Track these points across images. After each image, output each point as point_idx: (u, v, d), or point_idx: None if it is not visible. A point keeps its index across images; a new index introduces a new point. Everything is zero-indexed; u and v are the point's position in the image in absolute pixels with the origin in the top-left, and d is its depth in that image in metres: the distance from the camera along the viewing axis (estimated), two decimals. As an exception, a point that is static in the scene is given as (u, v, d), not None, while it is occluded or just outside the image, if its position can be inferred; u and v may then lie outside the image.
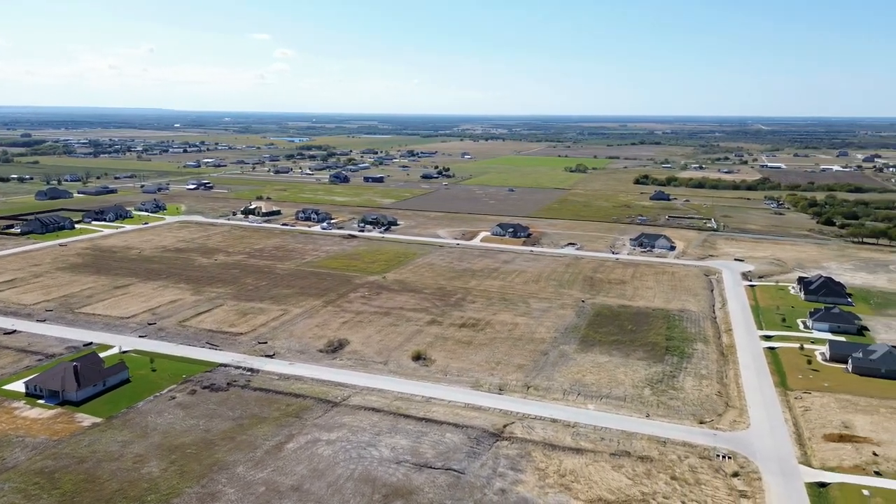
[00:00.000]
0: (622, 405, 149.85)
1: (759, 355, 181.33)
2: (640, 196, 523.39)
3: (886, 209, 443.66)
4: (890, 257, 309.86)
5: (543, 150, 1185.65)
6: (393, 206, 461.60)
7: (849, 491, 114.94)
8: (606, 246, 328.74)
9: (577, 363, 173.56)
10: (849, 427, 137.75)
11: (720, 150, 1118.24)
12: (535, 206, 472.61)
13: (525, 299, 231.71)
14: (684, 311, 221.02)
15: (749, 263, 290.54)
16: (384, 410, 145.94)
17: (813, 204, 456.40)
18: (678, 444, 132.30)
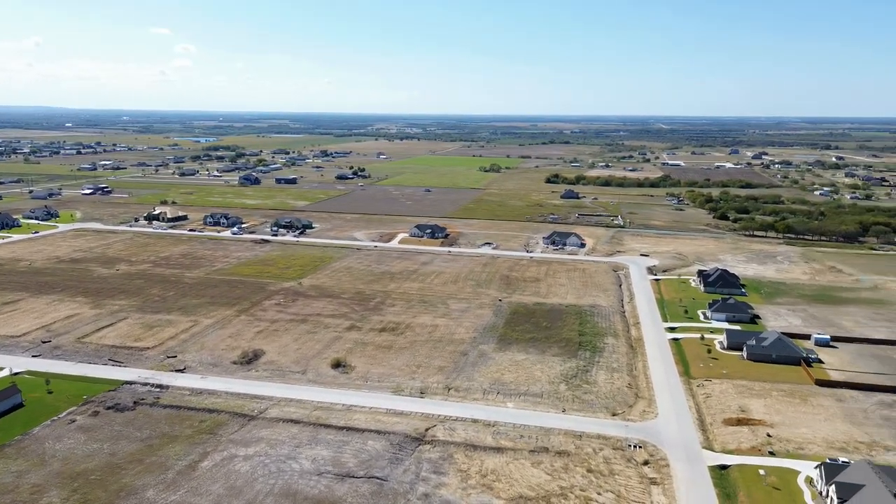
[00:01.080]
0: (539, 402, 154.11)
1: (664, 347, 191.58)
2: (552, 195, 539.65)
3: (773, 203, 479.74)
4: (777, 249, 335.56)
5: (458, 149, 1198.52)
6: (307, 209, 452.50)
7: (747, 471, 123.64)
8: (521, 245, 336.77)
9: (495, 362, 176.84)
10: (745, 411, 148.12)
11: (625, 149, 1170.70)
12: (451, 206, 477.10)
13: (444, 300, 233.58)
14: (595, 306, 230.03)
15: (654, 258, 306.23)
16: (303, 421, 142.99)
17: (709, 200, 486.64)
18: (593, 437, 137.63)
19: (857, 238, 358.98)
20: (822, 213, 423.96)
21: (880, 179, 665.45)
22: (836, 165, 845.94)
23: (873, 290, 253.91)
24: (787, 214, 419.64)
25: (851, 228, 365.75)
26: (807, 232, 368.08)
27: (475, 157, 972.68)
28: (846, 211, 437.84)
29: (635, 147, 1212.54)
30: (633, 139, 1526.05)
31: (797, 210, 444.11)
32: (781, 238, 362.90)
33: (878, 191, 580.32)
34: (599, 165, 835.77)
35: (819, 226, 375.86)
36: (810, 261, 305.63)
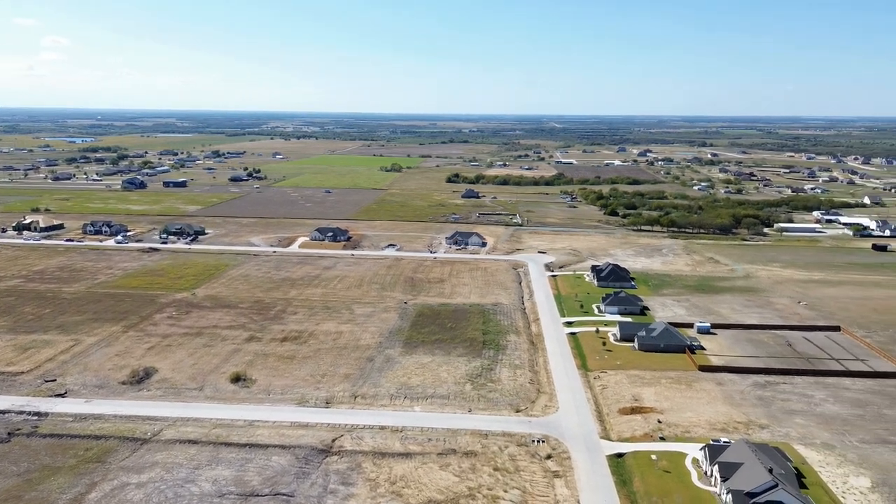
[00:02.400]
0: (446, 403, 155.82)
1: (563, 341, 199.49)
2: (453, 194, 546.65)
3: (658, 199, 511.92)
4: (662, 242, 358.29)
5: (358, 148, 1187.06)
6: (200, 214, 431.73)
7: (641, 458, 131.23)
8: (425, 245, 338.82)
9: (402, 366, 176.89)
10: (638, 400, 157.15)
11: (521, 148, 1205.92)
12: (353, 207, 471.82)
13: (349, 305, 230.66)
14: (498, 304, 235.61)
15: (550, 255, 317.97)
16: (202, 441, 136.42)
17: (600, 197, 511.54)
18: (498, 435, 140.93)
19: (731, 230, 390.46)
20: (701, 208, 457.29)
21: (749, 174, 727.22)
22: (712, 162, 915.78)
23: (746, 279, 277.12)
24: (671, 209, 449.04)
25: (726, 221, 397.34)
26: (688, 225, 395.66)
27: (376, 157, 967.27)
28: (721, 205, 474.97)
29: (530, 146, 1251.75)
30: (529, 138, 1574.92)
31: (679, 205, 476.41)
32: (666, 232, 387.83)
33: (747, 185, 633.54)
34: (497, 164, 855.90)
35: (698, 219, 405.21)
36: (691, 253, 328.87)
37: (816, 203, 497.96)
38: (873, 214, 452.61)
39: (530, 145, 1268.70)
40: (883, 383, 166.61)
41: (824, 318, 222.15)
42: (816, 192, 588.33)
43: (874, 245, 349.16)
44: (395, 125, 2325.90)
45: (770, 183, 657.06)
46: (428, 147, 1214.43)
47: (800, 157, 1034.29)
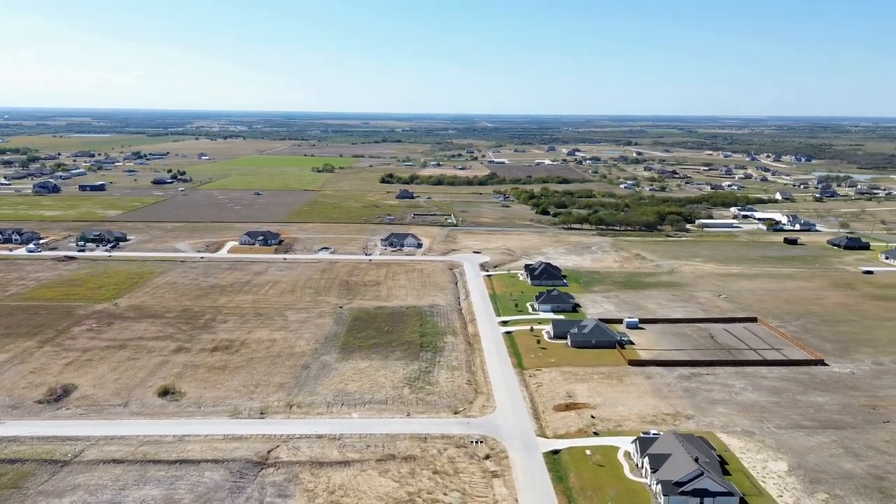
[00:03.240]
0: (385, 408, 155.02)
1: (499, 341, 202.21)
2: (387, 195, 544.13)
3: (587, 197, 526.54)
4: (592, 240, 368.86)
5: (288, 148, 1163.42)
6: (120, 219, 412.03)
7: (575, 453, 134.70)
8: (360, 247, 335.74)
9: (339, 372, 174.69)
10: (572, 396, 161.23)
11: (454, 147, 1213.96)
12: (284, 209, 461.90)
13: (282, 312, 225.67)
14: (434, 306, 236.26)
15: (485, 255, 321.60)
16: (128, 460, 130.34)
17: (532, 196, 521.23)
18: (437, 437, 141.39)
19: (656, 227, 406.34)
20: (627, 206, 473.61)
21: (672, 172, 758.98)
22: (637, 160, 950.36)
23: (670, 274, 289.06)
24: (599, 207, 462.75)
25: (651, 218, 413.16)
26: (615, 223, 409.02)
27: (307, 157, 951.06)
28: (646, 202, 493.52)
29: (463, 145, 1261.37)
30: (461, 137, 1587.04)
31: (607, 203, 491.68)
32: (595, 230, 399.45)
33: (670, 182, 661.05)
34: (431, 164, 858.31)
35: (625, 217, 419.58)
36: (619, 250, 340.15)
37: (733, 199, 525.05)
38: (784, 209, 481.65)
39: (463, 145, 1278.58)
40: (796, 370, 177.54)
41: (742, 309, 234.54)
42: (733, 188, 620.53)
43: (786, 239, 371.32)
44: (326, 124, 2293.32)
45: (691, 180, 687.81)
46: (360, 147, 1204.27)
47: (718, 155, 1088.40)
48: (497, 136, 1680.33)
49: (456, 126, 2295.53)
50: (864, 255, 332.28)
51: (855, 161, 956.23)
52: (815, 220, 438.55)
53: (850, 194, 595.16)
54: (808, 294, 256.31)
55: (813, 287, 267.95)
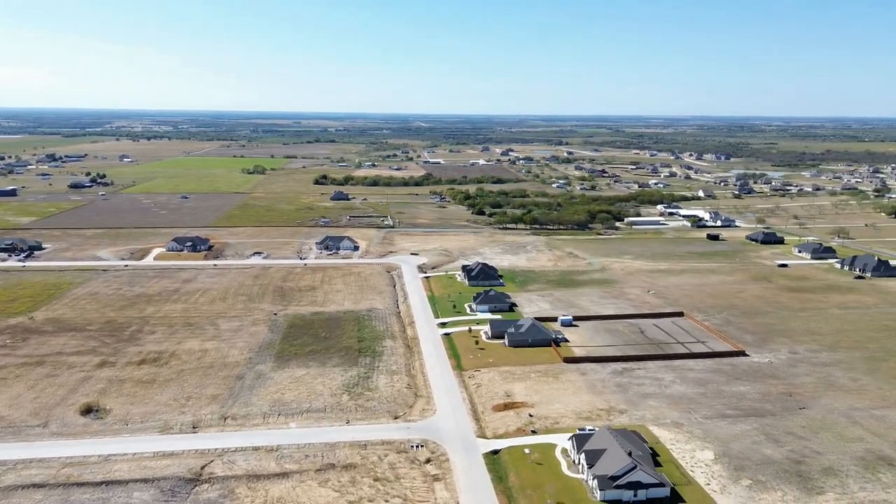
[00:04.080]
0: (323, 416, 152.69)
1: (438, 343, 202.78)
2: (321, 197, 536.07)
3: (521, 197, 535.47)
4: (527, 239, 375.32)
5: (216, 149, 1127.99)
6: (34, 226, 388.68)
7: (515, 453, 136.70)
8: (294, 252, 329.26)
9: (275, 382, 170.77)
10: (510, 395, 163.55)
11: (389, 147, 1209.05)
12: (214, 213, 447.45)
13: (213, 321, 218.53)
14: (372, 310, 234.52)
15: (423, 256, 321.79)
16: (50, 484, 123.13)
17: (468, 197, 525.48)
18: (378, 444, 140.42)
19: (587, 225, 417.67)
20: (560, 205, 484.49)
21: (601, 171, 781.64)
22: (568, 160, 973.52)
23: (602, 272, 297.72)
24: (533, 207, 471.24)
25: (582, 217, 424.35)
26: (549, 222, 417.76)
27: (236, 158, 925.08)
28: (578, 201, 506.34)
29: (398, 145, 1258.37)
30: (396, 137, 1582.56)
31: (540, 202, 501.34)
32: (529, 229, 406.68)
33: (600, 181, 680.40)
34: (366, 165, 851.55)
35: (558, 216, 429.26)
36: (553, 248, 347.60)
37: (660, 197, 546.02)
38: (707, 206, 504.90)
39: (398, 145, 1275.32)
40: (720, 362, 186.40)
41: (670, 305, 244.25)
42: (659, 186, 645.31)
43: (709, 235, 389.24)
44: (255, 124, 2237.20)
45: (620, 179, 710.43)
46: (293, 147, 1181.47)
47: (644, 154, 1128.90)
48: (432, 136, 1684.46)
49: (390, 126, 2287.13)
50: (780, 249, 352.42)
51: (769, 159, 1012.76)
52: (735, 216, 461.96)
53: (766, 191, 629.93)
54: (729, 288, 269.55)
55: (734, 281, 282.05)
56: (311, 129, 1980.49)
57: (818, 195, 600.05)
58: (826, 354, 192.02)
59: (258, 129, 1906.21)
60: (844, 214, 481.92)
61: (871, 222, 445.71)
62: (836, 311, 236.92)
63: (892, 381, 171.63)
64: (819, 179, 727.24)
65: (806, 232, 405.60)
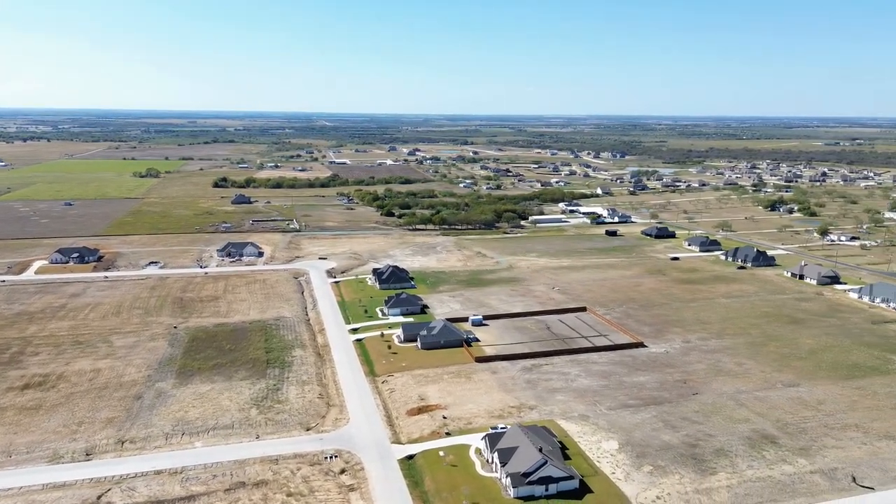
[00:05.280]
0: (231, 433, 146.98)
1: (350, 349, 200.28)
2: (222, 201, 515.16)
3: (429, 198, 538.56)
4: (436, 240, 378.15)
5: (104, 151, 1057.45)
6: None
7: (430, 456, 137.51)
8: (193, 260, 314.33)
9: (177, 399, 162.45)
10: (424, 399, 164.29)
11: (292, 148, 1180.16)
12: (103, 221, 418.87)
13: (106, 338, 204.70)
14: (280, 318, 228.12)
15: (332, 260, 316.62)
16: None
17: (376, 198, 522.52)
18: (289, 458, 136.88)
19: (494, 224, 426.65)
20: (468, 205, 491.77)
21: (506, 171, 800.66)
22: (474, 159, 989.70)
23: (509, 270, 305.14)
24: (441, 207, 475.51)
25: (489, 216, 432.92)
26: (457, 222, 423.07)
27: (127, 161, 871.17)
28: (484, 201, 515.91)
29: (302, 145, 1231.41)
30: (300, 137, 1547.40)
31: (448, 203, 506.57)
32: (438, 229, 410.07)
33: (505, 181, 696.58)
34: (269, 166, 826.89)
35: (466, 216, 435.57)
36: (462, 248, 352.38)
37: (561, 195, 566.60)
38: (605, 203, 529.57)
39: (302, 145, 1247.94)
40: (621, 354, 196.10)
41: (574, 300, 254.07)
42: (561, 185, 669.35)
43: (607, 231, 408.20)
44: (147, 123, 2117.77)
45: (523, 178, 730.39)
46: (189, 148, 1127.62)
47: (546, 153, 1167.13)
48: (337, 135, 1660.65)
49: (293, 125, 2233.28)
50: (671, 243, 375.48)
51: (660, 157, 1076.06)
52: (631, 212, 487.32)
53: (658, 187, 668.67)
54: (627, 282, 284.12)
55: (631, 275, 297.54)
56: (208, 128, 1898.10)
57: (704, 190, 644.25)
58: (715, 342, 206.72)
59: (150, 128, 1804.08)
60: (727, 208, 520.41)
61: (751, 215, 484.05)
62: (722, 300, 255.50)
63: (772, 364, 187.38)
64: (704, 176, 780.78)
65: (694, 226, 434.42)
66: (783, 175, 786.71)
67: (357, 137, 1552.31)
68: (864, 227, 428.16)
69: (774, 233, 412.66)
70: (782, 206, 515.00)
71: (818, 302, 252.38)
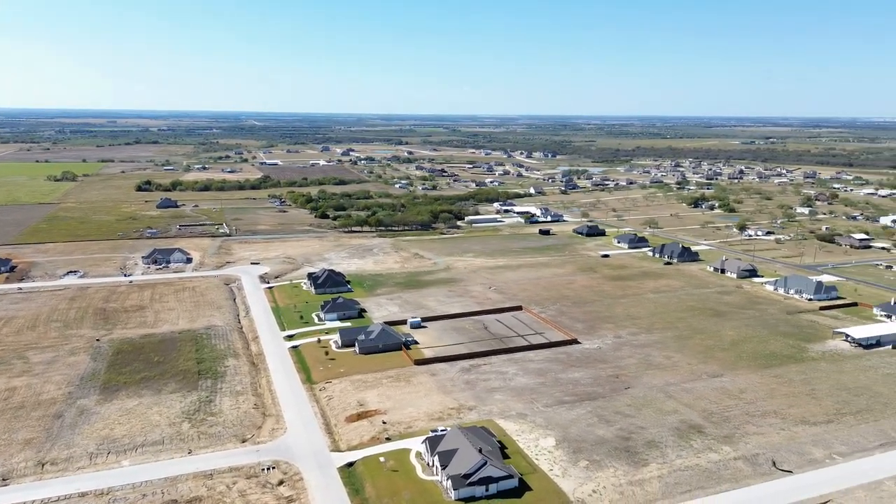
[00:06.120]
0: (161, 449, 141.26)
1: (285, 357, 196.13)
2: (146, 205, 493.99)
3: (364, 199, 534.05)
4: (373, 242, 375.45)
5: (14, 153, 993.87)
6: None
7: (370, 462, 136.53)
8: (117, 268, 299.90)
9: (102, 416, 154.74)
10: (363, 404, 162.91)
11: (221, 148, 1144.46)
12: (15, 228, 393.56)
13: (21, 354, 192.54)
14: (211, 327, 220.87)
15: (265, 265, 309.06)
16: None
17: (309, 200, 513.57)
18: (225, 472, 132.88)
19: (431, 225, 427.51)
20: (404, 206, 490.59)
21: (441, 171, 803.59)
22: (409, 159, 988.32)
23: (447, 271, 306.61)
24: (377, 208, 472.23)
25: (426, 217, 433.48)
26: (393, 224, 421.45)
27: (40, 164, 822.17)
28: (420, 202, 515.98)
29: (231, 146, 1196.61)
30: (228, 137, 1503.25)
31: (384, 204, 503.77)
32: (375, 231, 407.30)
33: (440, 181, 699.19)
34: (196, 168, 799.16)
35: (402, 217, 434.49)
36: (399, 250, 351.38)
37: (496, 195, 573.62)
38: (538, 202, 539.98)
39: (231, 145, 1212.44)
40: (556, 351, 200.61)
41: (510, 299, 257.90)
42: (495, 185, 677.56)
43: (541, 230, 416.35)
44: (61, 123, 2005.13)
45: (459, 178, 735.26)
46: (109, 150, 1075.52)
47: (480, 153, 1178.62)
48: (267, 135, 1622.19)
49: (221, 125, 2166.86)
50: (602, 241, 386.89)
51: (590, 156, 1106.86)
52: (563, 211, 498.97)
53: (588, 186, 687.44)
54: (561, 280, 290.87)
55: (565, 273, 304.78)
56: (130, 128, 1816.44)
57: (631, 189, 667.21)
58: (644, 336, 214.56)
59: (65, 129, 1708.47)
60: (653, 206, 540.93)
61: (675, 212, 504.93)
62: (650, 295, 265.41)
63: (698, 356, 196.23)
64: (632, 174, 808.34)
65: (623, 223, 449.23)
66: (704, 173, 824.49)
67: (289, 137, 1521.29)
68: (778, 222, 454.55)
69: (697, 229, 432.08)
70: (704, 203, 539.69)
71: (738, 295, 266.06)
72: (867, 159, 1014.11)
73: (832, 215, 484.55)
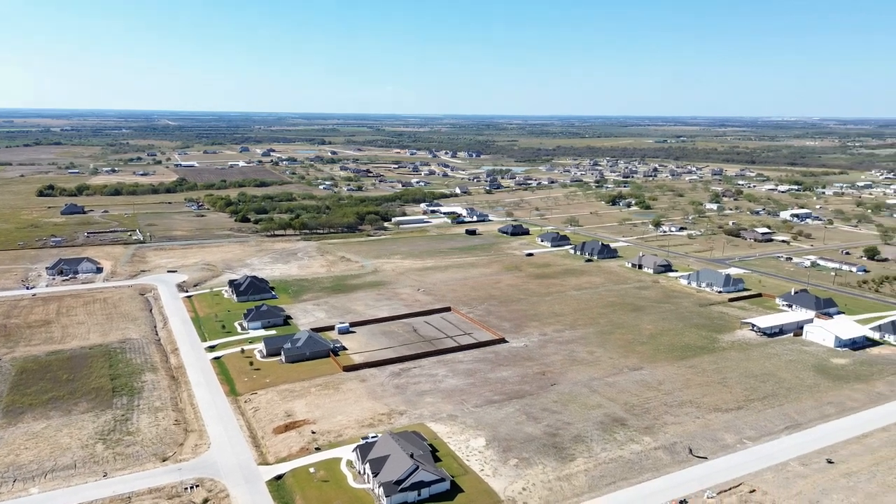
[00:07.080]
0: (74, 474, 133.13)
1: (207, 369, 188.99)
2: (49, 211, 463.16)
3: (287, 201, 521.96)
4: (297, 245, 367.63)
5: None
6: None
7: (299, 474, 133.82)
8: (18, 281, 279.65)
9: (6, 442, 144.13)
10: (291, 415, 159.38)
11: (131, 149, 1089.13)
12: None
13: None
14: (126, 340, 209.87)
15: (182, 273, 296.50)
16: None
17: (229, 203, 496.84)
18: (144, 494, 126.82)
19: (357, 227, 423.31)
20: (329, 207, 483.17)
21: (366, 171, 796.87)
22: (333, 160, 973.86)
23: (375, 273, 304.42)
24: (301, 211, 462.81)
25: (352, 219, 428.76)
26: (318, 226, 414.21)
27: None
28: (346, 203, 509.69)
29: (142, 147, 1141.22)
30: (139, 137, 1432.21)
31: (308, 206, 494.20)
32: (299, 234, 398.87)
33: (366, 181, 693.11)
34: (105, 171, 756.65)
35: (327, 219, 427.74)
36: (325, 253, 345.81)
37: (422, 196, 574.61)
38: (464, 202, 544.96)
39: (143, 146, 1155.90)
40: (484, 351, 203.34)
41: (438, 300, 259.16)
42: (421, 185, 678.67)
43: (467, 230, 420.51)
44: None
45: (384, 179, 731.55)
46: (5, 152, 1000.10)
47: (405, 153, 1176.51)
48: (182, 135, 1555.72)
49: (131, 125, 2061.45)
50: (526, 240, 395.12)
51: (513, 155, 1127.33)
52: (488, 210, 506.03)
53: (512, 185, 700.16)
54: (488, 279, 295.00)
55: (491, 272, 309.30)
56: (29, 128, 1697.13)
57: (553, 188, 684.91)
58: (569, 333, 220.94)
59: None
60: (574, 204, 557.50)
61: (595, 210, 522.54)
62: (573, 292, 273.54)
63: (619, 351, 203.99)
64: (553, 174, 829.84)
65: (545, 222, 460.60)
66: (621, 171, 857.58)
67: (205, 137, 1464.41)
68: (690, 218, 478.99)
69: (616, 226, 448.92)
70: (622, 201, 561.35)
71: (655, 289, 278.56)
72: (768, 157, 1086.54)
73: (738, 210, 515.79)
